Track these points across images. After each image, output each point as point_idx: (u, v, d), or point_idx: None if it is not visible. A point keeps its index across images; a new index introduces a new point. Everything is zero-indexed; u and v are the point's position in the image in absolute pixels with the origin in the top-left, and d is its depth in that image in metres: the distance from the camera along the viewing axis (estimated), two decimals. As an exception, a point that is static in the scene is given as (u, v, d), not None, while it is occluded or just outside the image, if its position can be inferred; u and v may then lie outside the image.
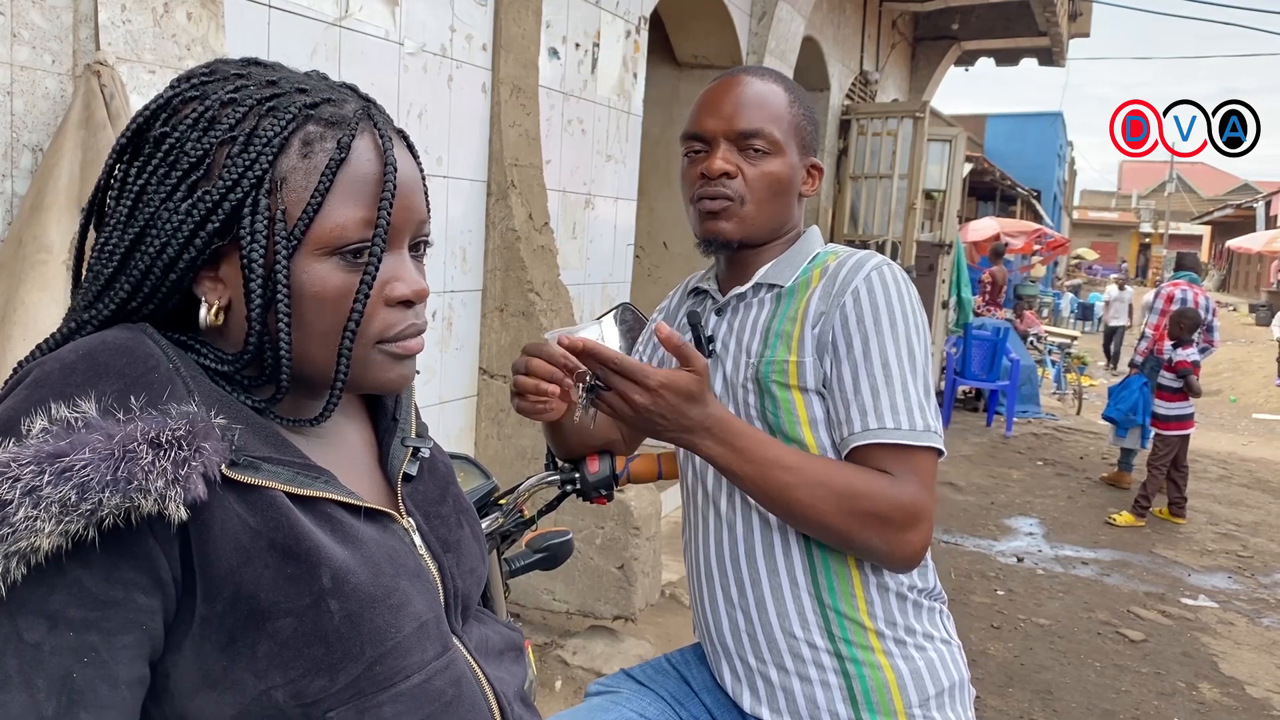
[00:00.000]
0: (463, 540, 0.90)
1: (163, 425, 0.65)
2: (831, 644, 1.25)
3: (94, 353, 0.69)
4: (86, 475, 0.61)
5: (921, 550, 1.20)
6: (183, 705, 0.71)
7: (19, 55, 1.86)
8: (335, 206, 0.74)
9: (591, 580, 3.38)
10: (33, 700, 0.62)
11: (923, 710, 1.24)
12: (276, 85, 0.76)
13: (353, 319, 0.75)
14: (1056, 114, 27.81)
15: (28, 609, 0.63)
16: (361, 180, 0.75)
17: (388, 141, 0.77)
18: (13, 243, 1.81)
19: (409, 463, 0.88)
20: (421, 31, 3.03)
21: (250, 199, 0.72)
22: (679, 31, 5.66)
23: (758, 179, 1.30)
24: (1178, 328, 6.02)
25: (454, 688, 0.80)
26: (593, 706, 1.39)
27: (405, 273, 0.79)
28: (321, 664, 0.71)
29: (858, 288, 1.23)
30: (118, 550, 0.65)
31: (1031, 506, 6.28)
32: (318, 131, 0.74)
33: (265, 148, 0.72)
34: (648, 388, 1.10)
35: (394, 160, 0.76)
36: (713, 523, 1.34)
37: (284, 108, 0.74)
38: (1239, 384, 14.01)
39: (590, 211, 4.22)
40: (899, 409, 1.19)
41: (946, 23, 9.21)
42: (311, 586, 0.71)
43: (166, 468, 0.63)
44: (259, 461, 0.72)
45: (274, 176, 0.73)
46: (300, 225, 0.73)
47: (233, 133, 0.72)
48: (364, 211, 0.75)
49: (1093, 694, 3.60)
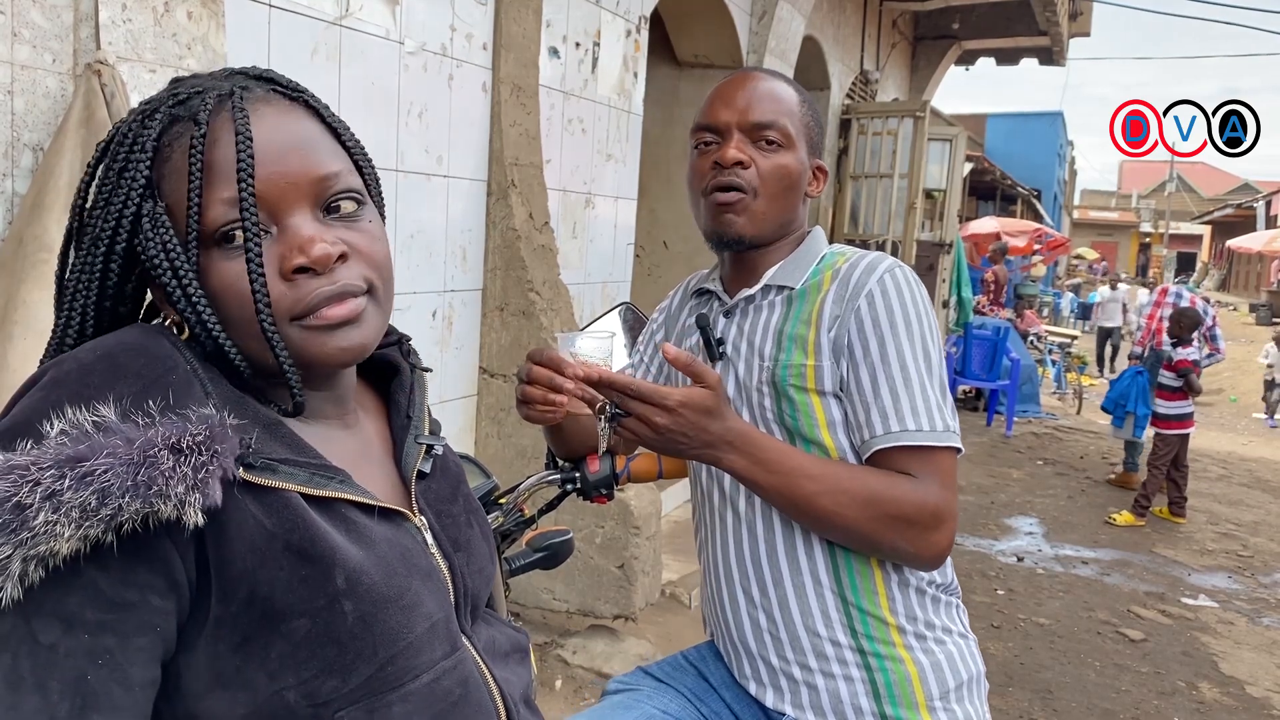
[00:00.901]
0: (473, 540, 0.90)
1: (183, 430, 0.65)
2: (854, 640, 1.26)
3: (112, 353, 0.69)
4: (107, 480, 0.61)
5: (947, 549, 1.21)
6: (194, 705, 0.70)
7: (19, 54, 1.86)
8: (206, 194, 0.72)
9: (592, 579, 3.38)
10: (46, 702, 0.62)
11: (943, 703, 1.26)
12: (158, 97, 0.77)
13: (257, 304, 0.71)
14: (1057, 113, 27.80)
15: (44, 611, 0.63)
16: (222, 161, 0.72)
17: (240, 114, 0.73)
18: (13, 242, 1.81)
19: (423, 460, 0.88)
20: (422, 31, 3.03)
21: (135, 212, 0.73)
22: (679, 31, 5.66)
23: (771, 170, 1.30)
24: (1177, 326, 6.02)
25: (461, 687, 0.80)
26: (614, 704, 1.39)
27: (298, 239, 0.73)
28: (334, 664, 0.71)
29: (872, 290, 1.24)
30: (134, 553, 0.65)
31: (1031, 506, 6.28)
32: (179, 128, 0.74)
33: (131, 158, 0.73)
34: (667, 408, 1.11)
35: (246, 130, 0.72)
36: (731, 523, 1.34)
37: (152, 112, 0.75)
38: (1239, 383, 14.01)
39: (590, 211, 4.22)
40: (919, 410, 1.20)
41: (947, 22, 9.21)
42: (326, 588, 0.71)
43: (187, 473, 0.63)
44: (275, 464, 0.72)
45: (153, 183, 0.74)
46: (191, 222, 0.72)
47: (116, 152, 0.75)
48: (230, 191, 0.72)
49: (1092, 693, 3.60)
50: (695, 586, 3.76)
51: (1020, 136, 25.21)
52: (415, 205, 3.09)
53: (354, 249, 0.76)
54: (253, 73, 0.79)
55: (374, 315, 0.78)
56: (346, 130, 0.82)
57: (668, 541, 4.09)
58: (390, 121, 2.95)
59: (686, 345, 1.45)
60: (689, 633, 3.40)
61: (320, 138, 0.78)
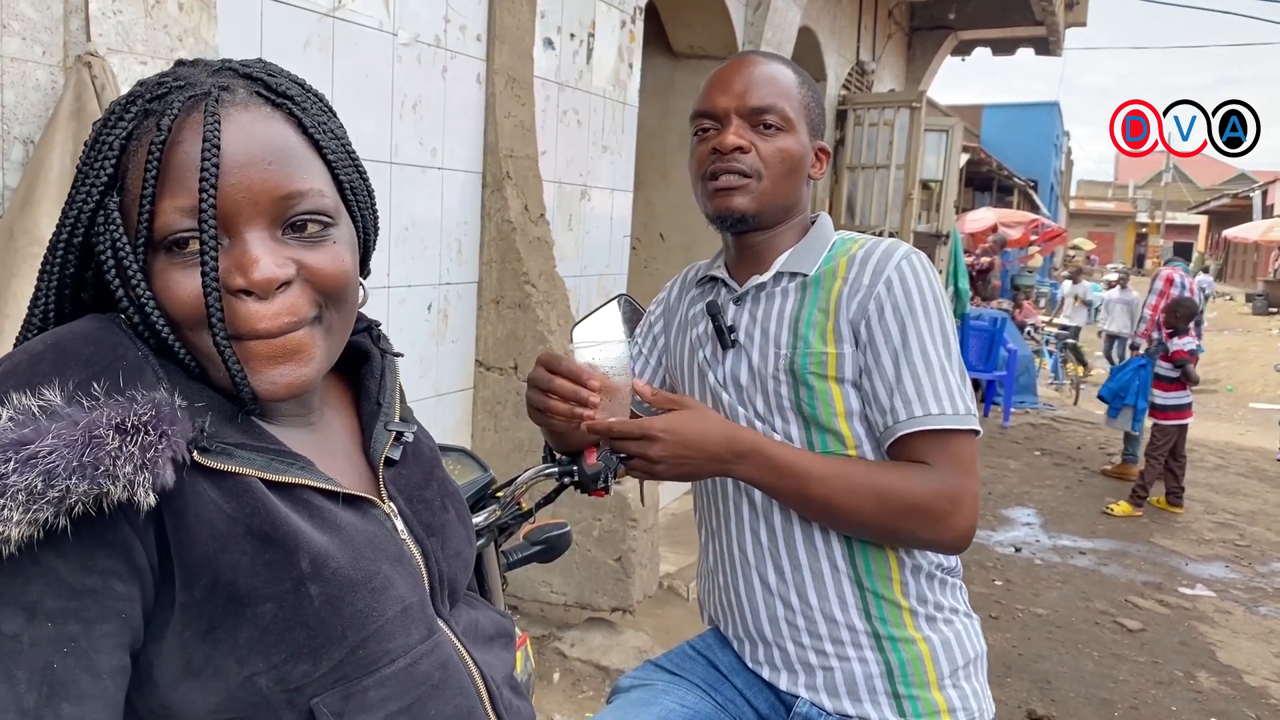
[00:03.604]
0: (448, 524, 0.90)
1: (128, 410, 0.64)
2: (869, 624, 1.29)
3: (61, 342, 0.69)
4: (52, 462, 0.61)
5: (970, 531, 1.23)
6: (166, 695, 0.70)
7: (9, 47, 1.84)
8: (162, 197, 0.70)
9: (589, 572, 3.38)
10: (13, 692, 0.62)
11: (952, 680, 1.30)
12: (143, 85, 0.75)
13: (211, 319, 0.69)
14: (1053, 104, 27.78)
15: (4, 601, 0.63)
16: (182, 166, 0.69)
17: (212, 119, 0.70)
18: (4, 235, 1.80)
19: (391, 447, 0.88)
20: (415, 22, 3.01)
21: (96, 205, 0.72)
22: (675, 21, 5.64)
23: (772, 154, 1.30)
24: (1174, 317, 6.02)
25: (440, 671, 0.80)
26: (632, 701, 1.40)
27: (244, 258, 0.70)
28: (304, 649, 0.71)
29: (890, 277, 1.25)
30: (93, 539, 0.65)
31: (1029, 496, 6.29)
32: (146, 125, 0.71)
33: (96, 154, 0.72)
34: (653, 437, 1.17)
35: (215, 137, 0.69)
36: (747, 515, 1.36)
37: (129, 104, 0.73)
38: (1236, 373, 14.03)
39: (586, 203, 4.21)
40: (941, 395, 1.21)
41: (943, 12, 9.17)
42: (290, 571, 0.71)
43: (134, 452, 0.63)
44: (232, 448, 0.71)
45: (115, 181, 0.72)
46: (142, 224, 0.70)
47: (89, 142, 0.73)
48: (188, 199, 0.69)
49: (1090, 683, 3.61)
50: (693, 579, 3.75)
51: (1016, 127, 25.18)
52: (410, 198, 3.08)
53: (309, 271, 0.74)
54: (243, 70, 0.76)
55: (321, 344, 0.76)
56: (333, 142, 0.78)
57: (665, 534, 4.08)
58: (384, 114, 2.93)
59: (692, 335, 1.44)
60: (687, 625, 3.40)
61: (294, 151, 0.74)
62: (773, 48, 5.70)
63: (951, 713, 1.28)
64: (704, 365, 1.40)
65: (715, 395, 1.38)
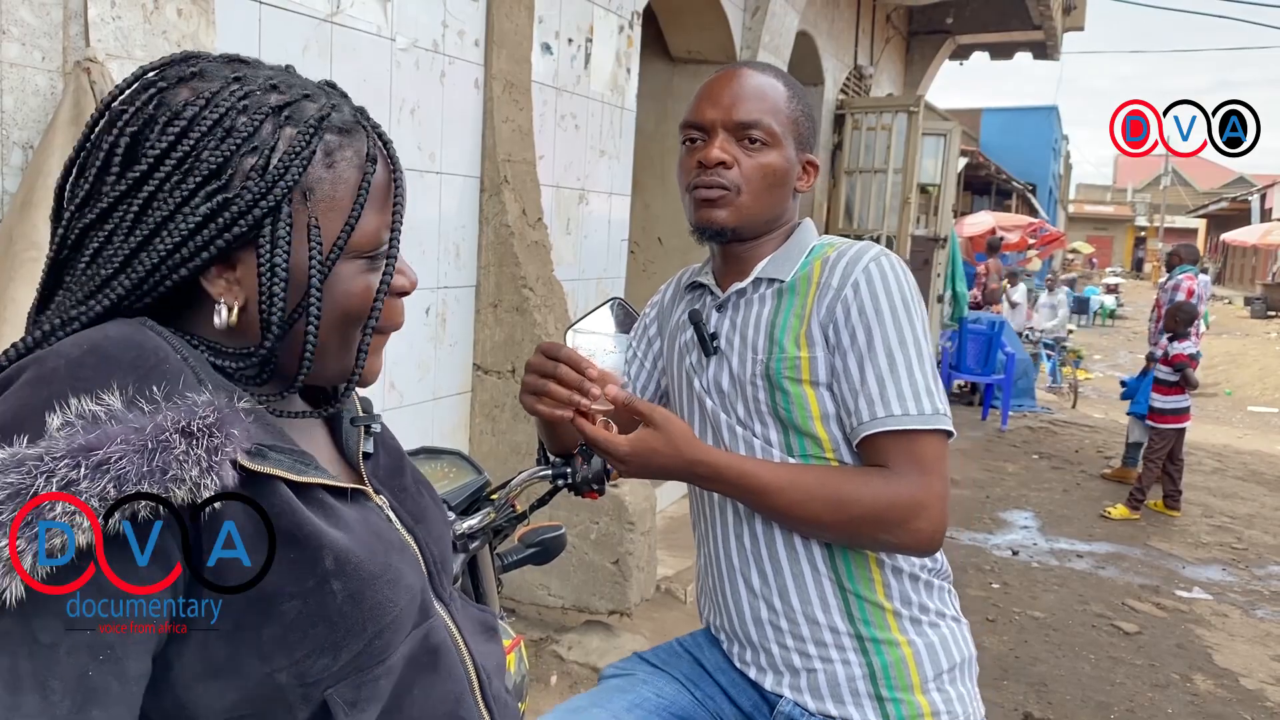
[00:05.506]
0: (428, 509, 0.93)
1: (192, 414, 0.65)
2: (852, 626, 1.29)
3: (99, 347, 0.67)
4: (123, 467, 0.61)
5: (935, 535, 1.22)
6: (184, 694, 0.70)
7: (8, 52, 1.86)
8: (367, 215, 0.78)
9: (586, 575, 3.38)
10: (46, 702, 0.61)
11: (936, 684, 1.29)
12: (279, 90, 0.76)
13: (373, 316, 0.80)
14: (1051, 108, 27.82)
15: (46, 610, 0.61)
16: (380, 187, 0.80)
17: (391, 146, 0.81)
18: (3, 240, 1.81)
19: (364, 441, 0.90)
20: (413, 27, 3.03)
21: (278, 209, 0.74)
22: (672, 26, 5.65)
23: (754, 170, 1.31)
24: (1173, 321, 6.03)
25: (432, 655, 0.83)
26: (610, 688, 1.42)
27: (405, 268, 0.84)
28: (325, 644, 0.72)
29: (857, 279, 1.25)
30: (138, 543, 0.64)
31: (1026, 500, 6.29)
32: (335, 141, 0.77)
33: (295, 160, 0.74)
34: (620, 457, 1.20)
35: (400, 164, 0.81)
36: (732, 520, 1.37)
37: (300, 118, 0.75)
38: (1234, 377, 14.03)
39: (584, 207, 4.22)
40: (905, 395, 1.21)
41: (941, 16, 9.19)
42: (315, 569, 0.72)
43: (201, 455, 0.64)
44: (266, 450, 0.72)
45: (302, 186, 0.75)
46: (343, 236, 0.77)
47: (253, 142, 0.73)
48: (385, 216, 0.80)
49: (1087, 686, 3.61)
50: (691, 582, 3.76)
51: (1015, 131, 25.22)
52: (409, 202, 3.08)
53: None
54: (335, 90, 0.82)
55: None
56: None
57: (663, 537, 4.09)
58: (382, 119, 2.94)
59: (681, 340, 1.45)
60: (684, 628, 3.39)
61: None
62: (770, 52, 5.72)
63: (935, 716, 1.28)
64: (690, 371, 1.42)
65: (700, 401, 1.39)
